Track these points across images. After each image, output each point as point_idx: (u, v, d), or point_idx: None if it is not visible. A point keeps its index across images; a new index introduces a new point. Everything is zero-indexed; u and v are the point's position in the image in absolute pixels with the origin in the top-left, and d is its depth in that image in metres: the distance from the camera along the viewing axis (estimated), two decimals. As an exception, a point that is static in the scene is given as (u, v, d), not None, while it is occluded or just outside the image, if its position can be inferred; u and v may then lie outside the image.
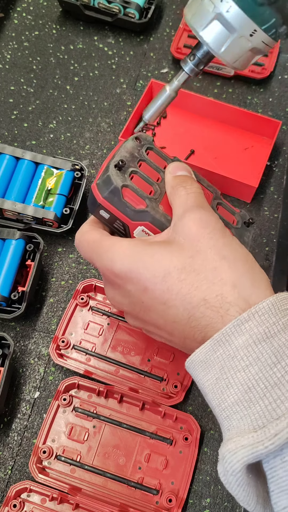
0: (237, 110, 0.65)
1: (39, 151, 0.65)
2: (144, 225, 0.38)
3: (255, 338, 0.31)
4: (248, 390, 0.30)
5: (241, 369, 0.31)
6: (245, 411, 0.30)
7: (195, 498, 0.47)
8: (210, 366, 0.32)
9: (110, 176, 0.38)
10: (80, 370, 0.50)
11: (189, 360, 0.33)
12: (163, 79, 0.71)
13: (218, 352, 0.32)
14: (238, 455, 0.28)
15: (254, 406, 0.29)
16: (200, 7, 0.32)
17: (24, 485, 0.45)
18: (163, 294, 0.34)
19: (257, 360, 0.30)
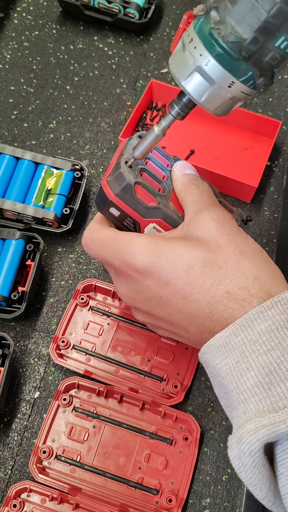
0: (237, 110, 0.65)
1: (39, 151, 0.65)
2: (156, 222, 0.38)
3: (277, 325, 0.31)
4: (269, 372, 0.31)
5: (263, 353, 0.31)
6: (265, 393, 0.30)
7: (195, 498, 0.47)
8: (231, 350, 0.32)
9: (123, 172, 0.37)
10: (80, 370, 0.50)
11: (208, 345, 0.34)
12: (163, 79, 0.71)
13: (240, 336, 0.32)
14: (259, 434, 0.29)
15: (275, 388, 0.30)
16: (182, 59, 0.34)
17: (24, 485, 0.45)
18: (186, 288, 0.35)
19: (279, 345, 0.31)
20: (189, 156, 0.64)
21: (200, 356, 0.35)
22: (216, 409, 0.50)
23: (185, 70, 0.34)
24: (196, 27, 0.33)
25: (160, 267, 0.35)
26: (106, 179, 0.39)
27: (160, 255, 0.35)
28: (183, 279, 0.34)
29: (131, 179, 0.37)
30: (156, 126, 0.37)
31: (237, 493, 0.47)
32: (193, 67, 0.33)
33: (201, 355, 0.34)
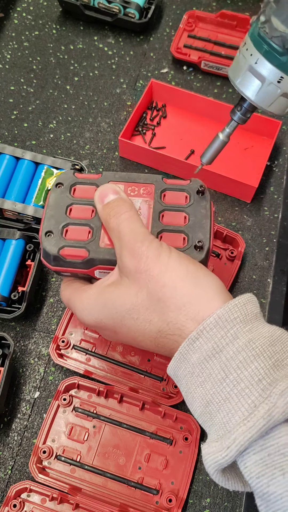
0: (237, 110, 0.65)
1: (39, 151, 0.65)
2: (97, 268, 0.40)
3: (205, 355, 0.32)
4: (207, 404, 0.32)
5: (199, 384, 0.33)
6: (209, 422, 0.32)
7: (195, 498, 0.47)
8: (180, 381, 0.35)
9: (45, 247, 0.39)
10: (80, 370, 0.50)
11: (167, 372, 0.36)
12: (163, 79, 0.71)
13: (181, 369, 0.34)
14: (208, 462, 0.31)
15: (215, 417, 0.32)
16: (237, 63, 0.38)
17: (24, 485, 0.45)
18: (129, 333, 0.37)
19: (209, 376, 0.32)
20: (189, 156, 0.64)
21: None
22: (216, 409, 0.50)
23: (239, 71, 0.37)
24: (249, 32, 0.36)
25: (103, 323, 0.38)
26: (41, 255, 0.41)
27: (99, 313, 0.38)
28: (123, 328, 0.37)
29: (54, 250, 0.39)
30: (221, 133, 0.40)
31: (237, 493, 0.47)
32: (246, 67, 0.37)
33: None
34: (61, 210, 0.41)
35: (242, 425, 0.30)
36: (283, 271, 0.58)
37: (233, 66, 0.39)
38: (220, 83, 0.71)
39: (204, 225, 0.40)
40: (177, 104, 0.68)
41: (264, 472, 0.29)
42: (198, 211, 0.41)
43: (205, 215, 0.40)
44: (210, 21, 0.73)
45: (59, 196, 0.41)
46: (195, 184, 0.42)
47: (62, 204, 0.41)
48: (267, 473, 0.29)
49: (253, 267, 0.58)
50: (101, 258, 0.39)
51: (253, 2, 0.78)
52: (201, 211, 0.41)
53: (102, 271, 0.40)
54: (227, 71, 0.69)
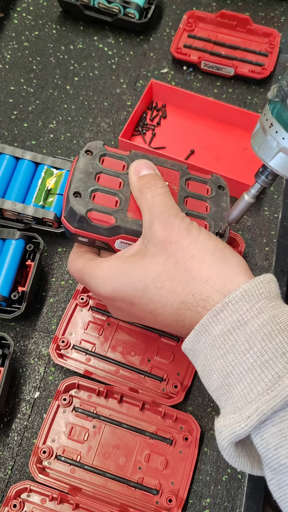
0: (237, 110, 0.65)
1: (39, 151, 0.65)
2: (121, 238, 0.40)
3: (229, 327, 0.33)
4: (227, 375, 0.32)
5: (220, 356, 0.33)
6: (227, 394, 0.32)
7: (195, 498, 0.47)
8: (197, 354, 0.35)
9: (72, 207, 0.39)
10: (80, 370, 0.50)
11: (182, 348, 0.36)
12: (163, 79, 0.71)
13: (201, 341, 0.34)
14: (223, 435, 0.31)
15: (234, 389, 0.32)
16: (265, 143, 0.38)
17: (24, 485, 0.45)
18: (148, 305, 0.37)
19: (232, 347, 0.32)
20: (189, 156, 0.64)
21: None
22: (216, 409, 0.50)
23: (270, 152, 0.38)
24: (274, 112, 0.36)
25: (121, 292, 0.37)
26: (63, 215, 0.41)
27: (117, 282, 0.37)
28: (143, 298, 0.36)
29: (82, 210, 0.39)
30: (246, 194, 0.42)
31: (237, 493, 0.47)
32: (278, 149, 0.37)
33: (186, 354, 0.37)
34: (90, 176, 0.41)
35: (265, 394, 0.30)
36: (283, 271, 0.58)
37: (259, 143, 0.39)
38: (220, 83, 0.71)
39: (224, 217, 0.42)
40: (177, 104, 0.68)
41: (283, 443, 0.29)
42: (219, 203, 0.43)
43: (225, 208, 0.43)
44: (210, 21, 0.73)
45: (88, 162, 0.42)
46: (217, 180, 0.45)
47: (91, 170, 0.41)
48: (286, 444, 0.29)
49: (253, 267, 0.58)
50: (128, 227, 0.39)
51: (253, 2, 0.78)
52: (222, 204, 0.43)
53: (124, 242, 0.40)
54: (227, 71, 0.69)
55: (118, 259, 0.38)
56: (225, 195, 0.44)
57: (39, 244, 0.54)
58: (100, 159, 0.42)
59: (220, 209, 0.43)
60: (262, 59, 0.70)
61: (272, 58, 0.70)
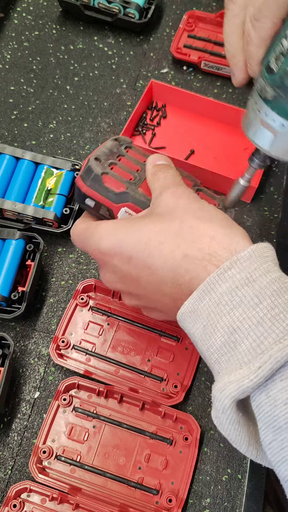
0: (237, 110, 0.65)
1: (39, 151, 0.65)
2: (127, 206, 0.41)
3: (237, 284, 0.32)
4: (233, 331, 0.32)
5: (226, 313, 0.32)
6: (232, 352, 0.32)
7: (195, 498, 0.47)
8: (199, 315, 0.34)
9: (91, 166, 0.42)
10: (80, 370, 0.50)
11: (180, 313, 0.35)
12: (163, 79, 0.71)
13: (205, 300, 0.33)
14: (226, 391, 0.30)
15: (240, 345, 0.31)
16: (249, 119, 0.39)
17: (24, 485, 0.45)
18: (147, 259, 0.36)
19: (240, 303, 0.32)
20: (189, 156, 0.64)
21: (179, 323, 0.36)
22: (216, 409, 0.50)
23: (253, 126, 0.39)
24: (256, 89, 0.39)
25: (122, 246, 0.37)
26: (80, 174, 0.43)
27: (120, 235, 0.37)
28: (143, 252, 0.36)
29: (98, 170, 0.41)
30: (241, 178, 0.42)
31: (237, 493, 0.47)
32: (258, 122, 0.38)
33: (179, 323, 0.36)
34: (113, 154, 0.44)
35: (278, 343, 0.29)
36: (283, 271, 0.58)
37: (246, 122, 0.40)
38: (220, 83, 0.71)
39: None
40: (177, 104, 0.68)
41: None
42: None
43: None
44: (210, 21, 0.73)
45: (114, 145, 0.45)
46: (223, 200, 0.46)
47: (115, 151, 0.44)
48: None
49: (253, 267, 0.58)
50: (137, 197, 0.41)
51: (253, 2, 0.78)
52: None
53: (128, 212, 0.41)
54: (227, 71, 0.69)
55: (123, 219, 0.39)
56: (230, 212, 0.46)
57: (39, 244, 0.54)
58: (126, 148, 0.46)
59: None
60: (262, 59, 0.70)
61: (272, 58, 0.70)
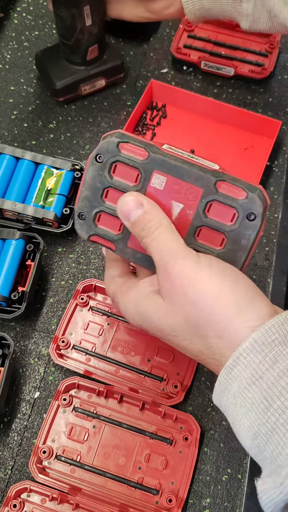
0: (237, 110, 0.65)
1: (39, 151, 0.65)
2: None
3: (245, 383, 0.31)
4: (255, 436, 0.30)
5: (243, 415, 0.31)
6: (260, 456, 0.30)
7: (195, 498, 0.47)
8: (225, 411, 0.33)
9: (77, 230, 0.41)
10: (80, 370, 0.50)
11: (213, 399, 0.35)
12: (163, 79, 0.71)
13: (224, 399, 0.32)
14: (263, 500, 0.29)
15: (264, 452, 0.30)
16: None
17: (24, 485, 0.45)
18: (172, 342, 0.37)
19: (253, 406, 0.30)
20: (189, 156, 0.64)
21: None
22: (216, 409, 0.50)
23: None
24: None
25: (146, 327, 0.38)
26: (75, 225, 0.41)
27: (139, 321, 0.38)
28: (165, 337, 0.37)
29: (84, 235, 0.40)
30: None
31: (237, 493, 0.47)
32: None
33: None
34: (97, 192, 0.38)
35: None
36: (283, 271, 0.58)
37: None
38: (220, 83, 0.71)
39: (238, 258, 0.36)
40: (177, 104, 0.68)
41: None
42: (239, 240, 0.36)
43: (243, 248, 0.36)
44: (210, 21, 0.73)
45: (97, 174, 0.38)
46: (250, 204, 0.35)
47: (98, 185, 0.38)
48: None
49: (253, 267, 0.58)
50: (127, 258, 0.40)
51: (253, 2, 0.78)
52: (242, 241, 0.36)
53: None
54: (227, 71, 0.69)
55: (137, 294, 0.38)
56: (252, 228, 0.35)
57: (39, 244, 0.54)
58: (111, 167, 0.37)
59: (236, 247, 0.36)
60: (262, 59, 0.70)
61: (272, 58, 0.70)
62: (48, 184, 0.57)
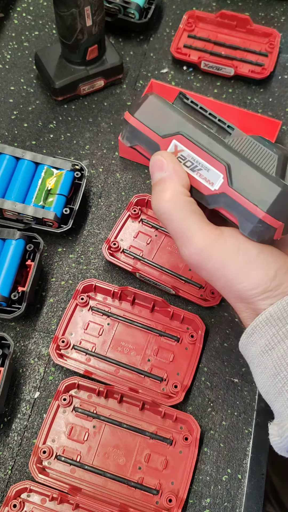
0: (237, 110, 0.65)
1: (39, 151, 0.65)
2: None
3: (260, 350, 0.34)
4: (266, 393, 0.35)
5: (259, 374, 0.35)
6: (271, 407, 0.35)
7: (195, 498, 0.47)
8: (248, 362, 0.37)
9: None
10: (80, 370, 0.50)
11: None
12: (163, 79, 0.71)
13: (245, 354, 0.37)
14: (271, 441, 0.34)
15: (273, 406, 0.34)
16: None
17: (24, 485, 0.45)
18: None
19: (265, 369, 0.34)
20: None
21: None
22: (216, 409, 0.50)
23: None
24: None
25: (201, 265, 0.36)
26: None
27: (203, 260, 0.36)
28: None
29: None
30: None
31: (237, 493, 0.47)
32: None
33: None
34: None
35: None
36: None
37: None
38: (220, 83, 0.71)
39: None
40: (177, 104, 0.68)
41: None
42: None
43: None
44: (210, 21, 0.73)
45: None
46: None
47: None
48: None
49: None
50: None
51: (253, 2, 0.78)
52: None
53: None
54: (227, 71, 0.69)
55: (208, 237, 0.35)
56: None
57: (39, 244, 0.54)
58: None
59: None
60: (262, 59, 0.70)
61: (272, 58, 0.70)
62: (48, 184, 0.57)
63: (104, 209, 0.61)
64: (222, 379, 0.52)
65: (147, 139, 0.38)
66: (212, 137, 0.36)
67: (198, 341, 0.52)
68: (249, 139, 0.36)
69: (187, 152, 0.36)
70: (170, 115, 0.37)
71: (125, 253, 0.56)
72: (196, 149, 0.36)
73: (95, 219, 0.60)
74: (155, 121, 0.37)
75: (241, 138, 0.36)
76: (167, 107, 0.37)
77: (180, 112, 0.37)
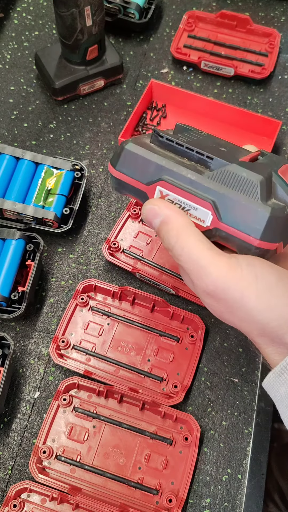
0: (237, 110, 0.65)
1: (39, 151, 0.65)
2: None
3: None
4: None
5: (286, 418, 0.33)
6: None
7: (195, 498, 0.47)
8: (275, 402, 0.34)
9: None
10: (80, 370, 0.50)
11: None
12: (163, 79, 0.71)
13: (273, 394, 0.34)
14: None
15: None
16: None
17: (24, 485, 0.45)
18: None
19: None
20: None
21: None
22: (216, 409, 0.50)
23: None
24: None
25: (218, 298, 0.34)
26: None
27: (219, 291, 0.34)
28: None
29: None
30: None
31: (237, 493, 0.47)
32: None
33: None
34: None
35: None
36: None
37: None
38: (220, 83, 0.71)
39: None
40: (177, 104, 0.68)
41: None
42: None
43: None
44: (210, 21, 0.73)
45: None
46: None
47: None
48: None
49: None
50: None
51: (253, 2, 0.78)
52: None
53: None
54: (227, 71, 0.69)
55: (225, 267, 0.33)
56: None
57: (39, 244, 0.54)
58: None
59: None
60: (262, 59, 0.70)
61: (272, 58, 0.70)
62: (48, 184, 0.57)
63: (104, 209, 0.61)
64: (222, 379, 0.52)
65: (133, 188, 0.38)
66: (193, 176, 0.35)
67: (198, 341, 0.52)
68: (228, 170, 0.35)
69: (173, 195, 0.36)
70: (149, 161, 0.37)
71: (125, 253, 0.56)
72: (180, 191, 0.36)
73: (95, 219, 0.60)
74: (136, 170, 0.37)
75: (222, 169, 0.35)
76: (144, 154, 0.37)
77: (158, 154, 0.37)
